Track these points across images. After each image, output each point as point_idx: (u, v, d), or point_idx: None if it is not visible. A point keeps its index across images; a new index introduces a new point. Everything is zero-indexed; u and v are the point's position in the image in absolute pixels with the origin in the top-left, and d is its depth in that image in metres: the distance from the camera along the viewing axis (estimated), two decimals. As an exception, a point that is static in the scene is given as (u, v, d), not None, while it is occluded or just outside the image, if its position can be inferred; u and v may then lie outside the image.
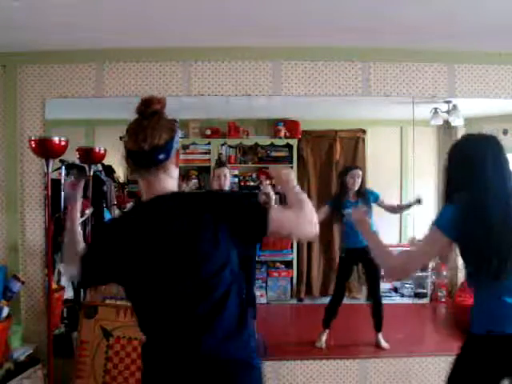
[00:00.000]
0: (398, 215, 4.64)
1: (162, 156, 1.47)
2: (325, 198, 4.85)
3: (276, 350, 3.55)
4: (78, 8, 2.45)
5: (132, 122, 1.53)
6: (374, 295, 3.98)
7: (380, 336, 3.84)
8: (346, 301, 4.13)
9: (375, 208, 4.53)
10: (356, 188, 4.02)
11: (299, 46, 3.15)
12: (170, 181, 1.53)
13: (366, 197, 4.02)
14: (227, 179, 3.89)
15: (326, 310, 3.99)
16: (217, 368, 1.44)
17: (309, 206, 1.55)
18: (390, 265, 1.97)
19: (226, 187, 3.90)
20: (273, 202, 3.58)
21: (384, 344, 3.79)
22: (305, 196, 1.60)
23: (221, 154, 4.77)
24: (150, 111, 1.51)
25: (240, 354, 1.47)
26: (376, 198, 4.07)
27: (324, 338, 3.86)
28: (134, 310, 1.58)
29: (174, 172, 1.55)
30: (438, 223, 1.86)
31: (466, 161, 1.91)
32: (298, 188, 1.64)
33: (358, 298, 4.60)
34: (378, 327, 3.89)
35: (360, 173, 4.05)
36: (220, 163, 4.02)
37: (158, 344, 1.50)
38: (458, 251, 1.91)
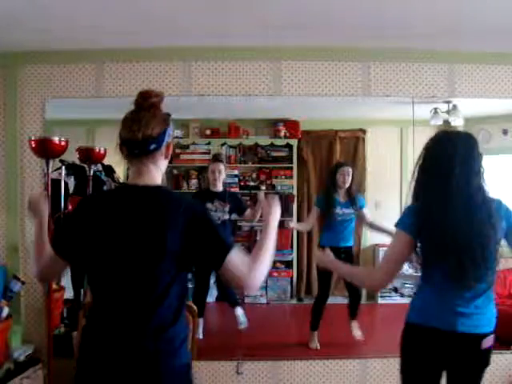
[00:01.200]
0: (397, 215, 4.63)
1: (152, 146, 1.55)
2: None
3: (276, 350, 3.56)
4: (78, 8, 2.45)
5: (128, 113, 1.59)
6: (355, 291, 3.98)
7: (355, 324, 3.88)
8: (344, 300, 4.13)
9: (375, 209, 4.55)
10: (346, 186, 3.98)
11: (299, 46, 3.15)
12: (156, 172, 1.60)
13: (356, 201, 3.99)
14: (222, 174, 3.93)
15: (312, 312, 3.97)
16: (142, 361, 1.49)
17: (267, 261, 1.62)
18: (372, 283, 2.06)
19: (221, 182, 3.94)
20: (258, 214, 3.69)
21: (358, 333, 3.82)
22: (272, 244, 1.65)
23: (218, 153, 4.77)
24: (146, 104, 1.58)
25: (165, 350, 1.51)
26: (361, 206, 4.03)
27: (316, 338, 3.85)
28: (89, 287, 1.65)
29: (163, 163, 1.63)
30: (399, 223, 1.94)
31: (434, 159, 1.94)
32: (273, 232, 1.67)
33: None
34: (353, 314, 3.93)
35: (350, 170, 4.01)
36: (215, 159, 4.05)
37: (95, 327, 1.57)
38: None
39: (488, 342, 1.90)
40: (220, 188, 4.01)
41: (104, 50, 3.13)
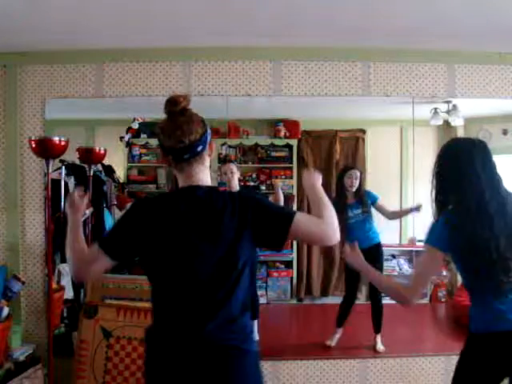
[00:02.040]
0: (398, 215, 4.64)
1: (200, 148, 1.59)
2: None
3: (276, 350, 3.56)
4: (78, 8, 2.45)
5: (164, 122, 1.61)
6: (375, 297, 3.97)
7: (378, 338, 3.83)
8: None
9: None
10: (354, 189, 3.97)
11: (299, 46, 3.15)
12: (205, 171, 1.65)
13: (364, 199, 3.96)
14: (235, 174, 3.90)
15: (339, 309, 3.96)
16: (215, 354, 1.52)
17: (332, 212, 1.65)
18: (405, 299, 1.98)
19: (236, 183, 3.92)
20: (281, 202, 3.62)
21: (380, 347, 3.75)
22: (329, 202, 1.69)
23: (221, 154, 4.77)
24: (178, 109, 1.59)
25: (237, 340, 1.55)
26: (374, 200, 4.00)
27: (336, 336, 3.83)
28: (151, 291, 1.64)
29: (208, 160, 1.67)
30: (429, 241, 1.88)
31: (455, 165, 1.89)
32: (323, 193, 1.73)
33: (358, 297, 4.59)
34: (377, 329, 3.88)
35: (358, 173, 3.99)
36: (225, 160, 4.03)
37: (163, 327, 1.58)
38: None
39: None
40: (236, 188, 3.98)
41: (104, 49, 3.13)
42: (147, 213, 1.59)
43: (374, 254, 3.94)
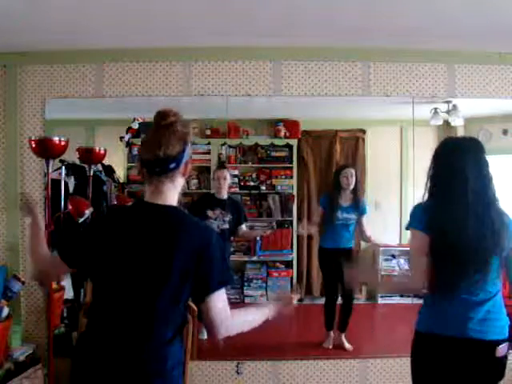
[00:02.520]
0: (398, 215, 4.65)
1: (172, 165, 1.57)
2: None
3: (276, 350, 3.56)
4: (78, 8, 2.45)
5: (147, 133, 1.62)
6: (348, 296, 3.96)
7: (343, 337, 3.87)
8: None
9: (375, 209, 4.53)
10: (351, 187, 3.97)
11: (299, 46, 3.15)
12: (174, 191, 1.62)
13: (360, 205, 3.97)
14: (227, 181, 3.96)
15: (324, 313, 4.00)
16: (134, 373, 1.50)
17: (244, 329, 1.65)
18: (414, 289, 2.04)
19: (226, 189, 3.97)
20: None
21: (347, 345, 3.80)
22: (257, 323, 1.70)
23: (221, 154, 4.77)
24: (164, 123, 1.58)
25: (159, 366, 1.52)
26: (363, 212, 4.00)
27: (330, 338, 3.87)
28: (92, 296, 1.65)
29: (180, 182, 1.64)
30: (412, 225, 1.92)
31: (448, 164, 1.92)
32: (264, 318, 1.74)
33: (358, 297, 4.59)
34: (342, 327, 3.91)
35: (353, 172, 4.00)
36: (220, 165, 4.07)
37: (99, 336, 1.56)
38: None
39: (502, 349, 1.85)
40: (225, 195, 4.01)
41: (104, 49, 3.13)
42: (102, 224, 1.63)
43: (350, 254, 3.99)
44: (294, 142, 4.84)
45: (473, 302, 1.85)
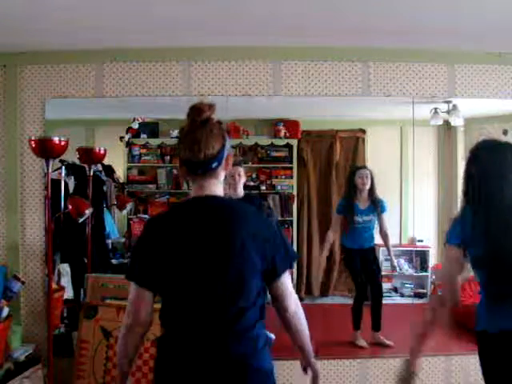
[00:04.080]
0: (398, 215, 4.66)
1: (214, 164, 1.58)
2: (324, 199, 4.87)
3: (276, 350, 3.55)
4: (78, 8, 2.45)
5: (185, 131, 1.60)
6: (376, 295, 3.96)
7: (380, 335, 3.84)
8: (347, 300, 4.13)
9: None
10: (367, 189, 3.94)
11: (299, 46, 3.15)
12: (218, 185, 1.64)
13: (377, 205, 3.95)
14: (242, 178, 3.88)
15: (351, 311, 3.98)
16: (229, 362, 1.53)
17: (305, 325, 1.75)
18: (446, 308, 1.97)
19: (241, 186, 3.90)
20: None
21: (387, 341, 3.77)
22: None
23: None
24: (201, 119, 1.58)
25: (250, 349, 1.57)
26: (382, 211, 3.99)
27: (359, 336, 3.86)
28: (163, 304, 1.63)
29: (222, 176, 1.65)
30: (447, 240, 1.92)
31: (484, 169, 1.92)
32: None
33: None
34: (377, 326, 3.89)
35: (368, 172, 3.97)
36: (234, 162, 4.00)
37: (180, 339, 1.56)
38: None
39: None
40: (241, 193, 3.95)
41: (104, 49, 3.13)
42: (160, 230, 1.58)
43: (371, 255, 3.98)
44: (294, 142, 4.84)
45: None
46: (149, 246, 1.58)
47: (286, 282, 1.63)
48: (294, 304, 1.66)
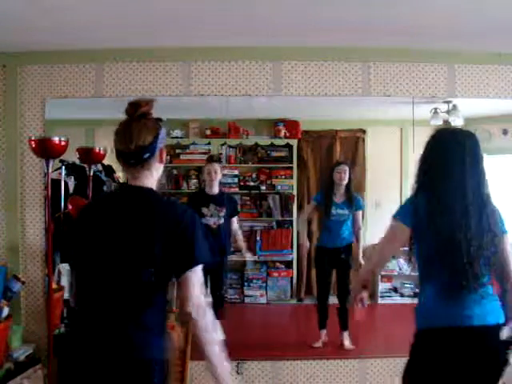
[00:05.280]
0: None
1: (146, 155, 1.63)
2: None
3: (276, 350, 3.56)
4: (78, 8, 2.45)
5: (120, 124, 1.67)
6: (342, 296, 3.97)
7: (345, 334, 3.87)
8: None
9: (375, 208, 4.53)
10: (344, 183, 3.96)
11: (299, 46, 3.15)
12: (150, 177, 1.68)
13: (352, 203, 3.97)
14: (218, 175, 3.88)
15: (317, 312, 4.02)
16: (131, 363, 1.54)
17: (214, 341, 1.57)
18: (369, 268, 2.12)
19: (217, 183, 3.91)
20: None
21: (348, 344, 3.81)
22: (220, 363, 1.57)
23: (220, 153, 4.77)
24: (136, 114, 1.64)
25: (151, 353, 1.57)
26: (357, 208, 4.02)
27: (321, 338, 3.89)
28: (77, 285, 1.72)
29: (157, 168, 1.70)
30: (396, 214, 1.96)
31: (435, 158, 1.92)
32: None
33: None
34: (344, 326, 3.92)
35: (347, 168, 3.98)
36: (211, 159, 4.00)
37: (82, 321, 1.65)
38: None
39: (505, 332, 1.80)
40: (216, 190, 3.92)
41: (104, 49, 3.13)
42: (84, 217, 1.70)
43: (345, 253, 3.99)
44: (294, 142, 4.84)
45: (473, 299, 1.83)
46: (75, 231, 1.69)
47: (188, 283, 1.56)
48: (194, 311, 1.54)
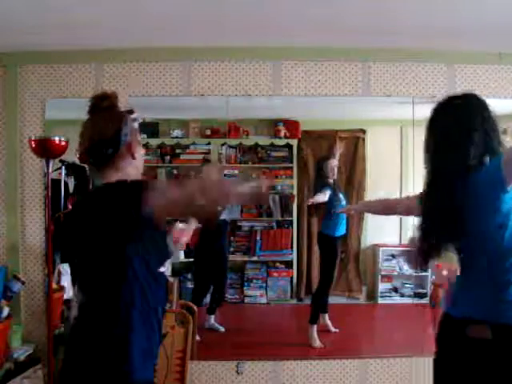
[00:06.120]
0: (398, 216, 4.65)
1: (109, 151, 1.46)
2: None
3: (276, 350, 3.56)
4: (77, 8, 2.45)
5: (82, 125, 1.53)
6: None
7: (314, 329, 3.88)
8: (346, 301, 4.13)
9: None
10: (334, 177, 4.07)
11: (299, 46, 3.15)
12: (115, 176, 1.47)
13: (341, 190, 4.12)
14: None
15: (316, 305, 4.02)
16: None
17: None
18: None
19: None
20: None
21: (316, 342, 3.81)
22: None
23: (220, 153, 4.77)
24: (97, 108, 1.51)
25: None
26: None
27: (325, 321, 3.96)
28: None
29: (127, 165, 1.49)
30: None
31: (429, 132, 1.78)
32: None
33: (358, 297, 4.60)
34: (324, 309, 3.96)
35: (337, 164, 4.10)
36: (205, 162, 4.06)
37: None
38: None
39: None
40: None
41: (104, 49, 3.13)
42: (71, 214, 1.59)
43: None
44: (294, 142, 4.84)
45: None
46: (64, 228, 1.63)
47: (160, 199, 1.32)
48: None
